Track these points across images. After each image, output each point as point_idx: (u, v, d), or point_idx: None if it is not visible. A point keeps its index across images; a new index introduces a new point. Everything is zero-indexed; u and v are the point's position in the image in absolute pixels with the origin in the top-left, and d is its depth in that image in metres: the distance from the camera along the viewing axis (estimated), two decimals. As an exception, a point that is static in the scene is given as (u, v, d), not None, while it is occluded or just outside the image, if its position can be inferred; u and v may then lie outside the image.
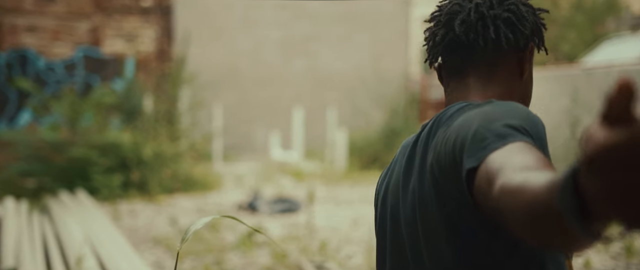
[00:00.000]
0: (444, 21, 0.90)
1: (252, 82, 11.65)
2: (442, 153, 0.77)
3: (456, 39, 0.89)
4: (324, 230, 5.19)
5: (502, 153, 0.67)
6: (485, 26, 0.88)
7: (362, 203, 6.63)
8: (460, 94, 0.90)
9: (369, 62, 11.72)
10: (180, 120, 8.00)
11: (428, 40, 0.93)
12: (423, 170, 0.82)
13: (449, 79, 0.93)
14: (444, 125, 0.82)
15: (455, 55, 0.91)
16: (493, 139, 0.70)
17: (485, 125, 0.72)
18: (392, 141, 9.62)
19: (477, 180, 0.69)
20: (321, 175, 8.43)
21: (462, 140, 0.73)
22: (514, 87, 0.91)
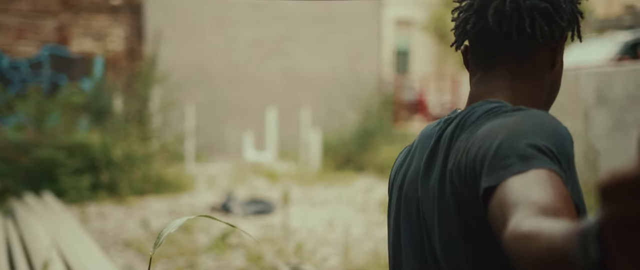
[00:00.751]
0: (477, 7, 0.85)
1: (224, 82, 11.51)
2: (462, 162, 0.74)
3: (488, 29, 0.85)
4: (299, 232, 5.12)
5: (522, 182, 0.64)
6: (521, 18, 0.83)
7: (337, 204, 6.58)
8: (487, 87, 0.86)
9: (343, 62, 11.72)
10: (152, 120, 7.84)
11: (458, 26, 0.89)
12: (444, 171, 0.79)
13: (476, 67, 0.89)
14: (468, 128, 0.78)
15: (485, 44, 0.87)
16: (515, 159, 0.66)
17: (510, 141, 0.68)
18: (366, 142, 9.62)
19: (493, 203, 0.66)
20: (295, 176, 8.36)
21: (483, 154, 0.70)
22: (544, 78, 0.87)
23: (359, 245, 4.72)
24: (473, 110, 0.81)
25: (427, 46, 20.72)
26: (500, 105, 0.80)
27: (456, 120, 0.82)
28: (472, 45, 0.89)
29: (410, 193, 0.86)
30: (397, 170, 0.93)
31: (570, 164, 0.71)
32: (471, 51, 0.89)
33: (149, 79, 8.03)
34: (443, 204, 0.78)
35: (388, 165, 8.71)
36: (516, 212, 0.60)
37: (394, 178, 0.94)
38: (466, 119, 0.81)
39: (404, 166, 0.91)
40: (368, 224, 5.52)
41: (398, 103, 11.53)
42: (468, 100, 0.88)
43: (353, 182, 8.16)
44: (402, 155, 0.95)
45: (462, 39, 0.89)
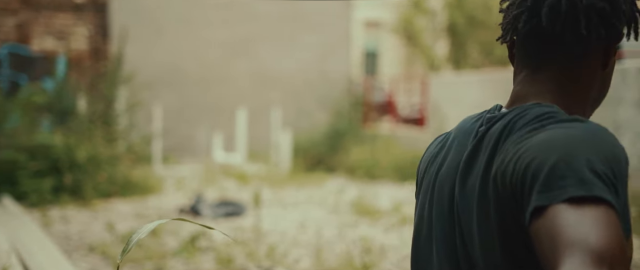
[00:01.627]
0: (531, 4, 0.81)
1: (193, 83, 11.33)
2: (510, 168, 0.70)
3: (540, 27, 0.80)
4: (271, 234, 5.05)
5: (579, 216, 0.61)
6: (576, 18, 0.78)
7: (308, 205, 6.53)
8: (534, 87, 0.82)
9: (313, 63, 11.69)
10: (118, 121, 7.64)
11: (509, 21, 0.84)
12: (487, 172, 0.76)
13: (523, 65, 0.84)
14: (518, 131, 0.75)
15: (535, 42, 0.82)
16: (572, 182, 0.64)
17: (568, 160, 0.66)
18: (336, 143, 9.60)
19: (541, 223, 0.64)
20: (266, 177, 8.28)
21: (537, 167, 0.67)
22: (595, 79, 0.83)
23: (331, 246, 4.67)
24: (524, 112, 0.77)
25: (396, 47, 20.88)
26: (553, 111, 0.76)
27: (503, 120, 0.78)
28: (520, 42, 0.84)
29: (444, 188, 0.83)
30: (429, 161, 0.89)
31: (624, 187, 0.69)
32: (519, 48, 0.85)
33: (114, 79, 7.83)
34: (483, 204, 0.75)
35: (359, 166, 8.71)
36: (571, 256, 0.58)
37: (426, 169, 0.90)
38: (515, 120, 0.77)
39: (437, 159, 0.87)
40: (340, 225, 5.49)
41: (368, 104, 11.56)
42: (512, 99, 0.84)
43: (324, 183, 8.12)
44: (435, 146, 0.91)
45: (511, 34, 0.85)
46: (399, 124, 11.49)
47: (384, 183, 8.08)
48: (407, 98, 12.80)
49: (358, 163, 8.75)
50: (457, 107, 8.35)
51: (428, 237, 0.85)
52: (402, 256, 4.47)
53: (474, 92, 8.16)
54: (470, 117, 0.87)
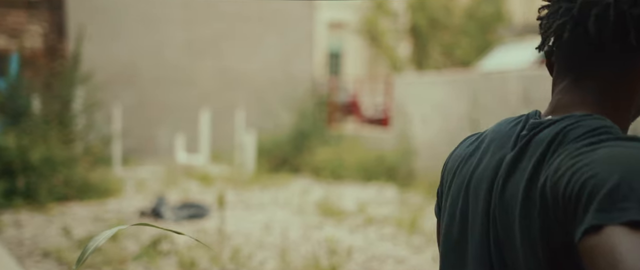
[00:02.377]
0: (576, 12, 0.78)
1: (154, 82, 11.08)
2: (564, 181, 0.69)
3: (586, 36, 0.78)
4: (235, 236, 4.96)
5: (637, 243, 0.62)
6: (625, 28, 0.76)
7: (273, 207, 6.46)
8: (577, 97, 0.80)
9: (277, 63, 11.61)
10: (75, 122, 7.38)
11: (550, 31, 0.82)
12: (533, 180, 0.74)
13: (564, 73, 0.82)
14: (571, 143, 0.73)
15: (579, 51, 0.80)
16: (634, 205, 0.63)
17: (630, 180, 0.65)
18: (301, 143, 9.54)
19: (595, 242, 0.64)
20: (230, 178, 8.15)
21: (597, 184, 0.66)
22: (637, 91, 0.81)
23: (297, 248, 4.62)
24: (576, 123, 0.75)
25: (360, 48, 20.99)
26: (608, 126, 0.75)
27: (552, 128, 0.76)
28: (563, 51, 0.82)
29: (480, 189, 0.81)
30: (462, 160, 0.87)
31: None
32: (560, 56, 0.83)
33: (71, 78, 7.56)
34: (526, 210, 0.74)
35: (324, 167, 8.68)
36: None
37: (457, 168, 0.87)
38: (568, 130, 0.75)
39: (472, 159, 0.85)
40: (305, 226, 5.43)
41: (332, 104, 11.56)
42: (552, 106, 0.82)
43: (289, 184, 8.06)
44: (467, 146, 0.89)
45: (552, 43, 0.83)
46: (364, 125, 11.53)
47: (349, 183, 8.07)
48: (371, 98, 12.85)
49: (323, 163, 8.72)
50: (421, 107, 8.42)
51: (461, 237, 0.84)
52: (368, 257, 4.46)
53: (437, 93, 8.24)
54: (507, 120, 0.85)
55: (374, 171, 8.19)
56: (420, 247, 4.76)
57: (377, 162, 8.33)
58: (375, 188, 7.70)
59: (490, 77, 7.71)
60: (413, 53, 18.64)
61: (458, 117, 7.62)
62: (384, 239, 5.01)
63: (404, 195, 7.06)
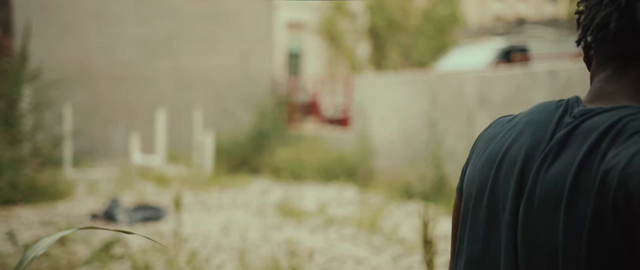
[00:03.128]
0: (624, 4, 0.79)
1: (107, 81, 10.74)
2: (634, 181, 0.69)
3: (632, 27, 0.79)
4: (192, 239, 4.83)
5: None
6: None
7: (232, 208, 6.34)
8: (620, 86, 0.81)
9: (236, 63, 11.45)
10: (22, 122, 7.05)
11: (592, 22, 0.82)
12: (585, 169, 0.73)
13: (606, 63, 0.83)
14: (632, 137, 0.72)
15: (623, 42, 0.81)
16: None
17: None
18: (260, 143, 9.44)
19: None
20: (187, 179, 7.97)
21: None
22: None
23: (256, 250, 4.53)
24: (635, 117, 0.75)
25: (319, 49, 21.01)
26: None
27: (604, 116, 0.76)
28: (608, 41, 0.83)
29: (511, 171, 0.80)
30: (492, 140, 0.86)
31: None
32: (603, 46, 0.84)
33: (18, 77, 7.21)
34: (571, 200, 0.73)
35: (283, 167, 8.60)
36: None
37: (487, 148, 0.86)
38: (627, 121, 0.74)
39: (504, 140, 0.84)
40: (265, 227, 5.35)
41: (292, 104, 11.49)
42: (594, 95, 0.83)
43: (248, 185, 7.94)
44: (500, 126, 0.88)
45: (594, 33, 0.83)
46: (323, 125, 11.50)
47: (309, 184, 8.02)
48: (331, 98, 12.85)
49: (283, 164, 8.64)
50: (380, 107, 8.45)
51: (489, 215, 0.82)
52: (328, 258, 4.41)
53: (396, 93, 8.30)
54: (545, 103, 0.85)
55: (334, 171, 8.17)
56: (381, 247, 4.75)
57: (337, 162, 8.31)
58: (335, 188, 7.68)
59: (447, 78, 7.81)
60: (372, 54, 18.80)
61: (416, 117, 7.69)
62: (344, 240, 4.98)
63: (364, 195, 7.06)
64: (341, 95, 12.01)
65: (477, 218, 0.84)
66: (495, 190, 0.82)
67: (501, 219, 0.80)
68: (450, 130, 7.01)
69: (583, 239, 0.71)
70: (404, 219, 5.64)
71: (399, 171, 7.56)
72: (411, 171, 7.21)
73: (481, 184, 0.84)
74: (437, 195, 6.44)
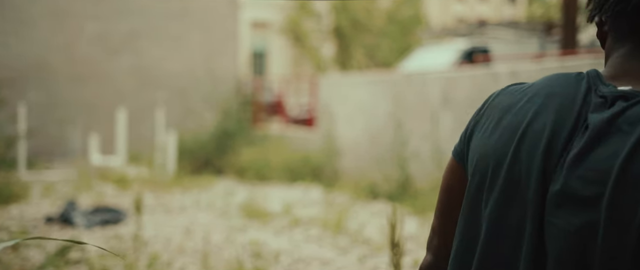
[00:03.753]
0: None
1: (65, 80, 10.40)
2: None
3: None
4: (154, 242, 4.69)
5: None
6: None
7: (195, 210, 6.21)
8: None
9: (199, 62, 11.26)
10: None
11: None
12: (631, 164, 0.70)
13: (623, 40, 0.81)
14: None
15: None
16: None
17: None
18: (225, 144, 9.30)
19: None
20: (149, 181, 7.77)
21: None
22: None
23: (220, 252, 4.44)
24: None
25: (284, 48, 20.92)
26: None
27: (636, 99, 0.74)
28: (621, 17, 0.81)
29: (535, 149, 0.76)
30: (507, 111, 0.81)
31: None
32: (618, 21, 0.81)
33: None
34: (618, 191, 0.70)
35: (248, 168, 8.49)
36: None
37: (501, 118, 0.81)
38: None
39: (523, 112, 0.80)
40: (229, 229, 5.25)
41: (257, 104, 11.38)
42: (616, 72, 0.80)
43: (212, 186, 7.81)
44: (512, 94, 0.83)
45: (615, 8, 0.81)
46: (289, 125, 11.44)
47: (274, 184, 7.95)
48: (296, 98, 12.80)
49: (247, 164, 8.54)
50: (346, 107, 8.44)
51: (507, 190, 0.78)
52: (294, 259, 4.36)
53: (361, 93, 8.31)
54: (562, 76, 0.81)
55: (300, 171, 8.11)
56: (346, 248, 4.72)
57: (303, 162, 8.26)
58: (300, 189, 7.62)
59: (411, 78, 7.86)
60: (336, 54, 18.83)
61: (381, 117, 7.71)
62: (309, 241, 4.94)
63: (329, 196, 7.03)
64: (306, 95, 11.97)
65: (492, 194, 0.79)
66: (515, 166, 0.77)
67: (523, 198, 0.76)
68: (415, 130, 7.05)
69: (631, 231, 0.68)
70: (370, 220, 5.64)
71: (364, 171, 7.56)
72: (376, 171, 7.22)
73: (499, 158, 0.79)
74: (402, 195, 6.46)
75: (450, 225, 0.85)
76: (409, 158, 6.82)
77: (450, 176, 0.87)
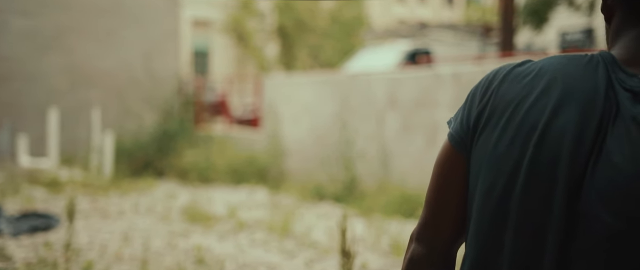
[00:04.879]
0: None
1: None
2: None
3: None
4: (88, 250, 4.42)
5: None
6: None
7: (134, 214, 5.93)
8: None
9: (138, 60, 10.84)
10: None
11: None
12: None
13: (634, 22, 0.75)
14: None
15: None
16: None
17: None
18: (166, 145, 9.00)
19: None
20: (84, 184, 7.37)
21: None
22: None
23: (160, 259, 4.23)
24: None
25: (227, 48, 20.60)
26: None
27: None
28: None
29: (560, 146, 0.70)
30: (518, 104, 0.74)
31: None
32: (629, 5, 0.76)
33: None
34: None
35: (191, 170, 8.22)
36: None
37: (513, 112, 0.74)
38: None
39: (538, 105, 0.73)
40: (170, 234, 5.03)
41: (199, 104, 11.08)
42: (633, 56, 0.74)
43: (152, 189, 7.50)
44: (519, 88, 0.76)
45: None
46: (233, 125, 11.23)
47: (218, 186, 7.74)
48: (240, 98, 12.61)
49: (190, 166, 8.28)
50: (291, 107, 8.36)
51: (526, 188, 0.72)
52: (239, 265, 4.22)
53: (306, 93, 8.25)
54: (572, 61, 0.74)
55: (244, 173, 7.95)
56: (293, 252, 4.62)
57: (248, 163, 8.10)
58: (245, 191, 7.46)
59: (357, 79, 7.87)
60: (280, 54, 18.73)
61: (327, 117, 7.67)
62: (255, 245, 4.80)
63: (275, 198, 6.91)
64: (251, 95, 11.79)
65: (507, 200, 0.73)
66: (535, 172, 0.72)
67: (549, 207, 0.70)
68: (361, 130, 7.05)
69: None
70: (316, 222, 5.56)
71: (310, 172, 7.50)
72: (323, 172, 7.17)
73: (513, 162, 0.73)
74: (348, 197, 6.43)
75: (444, 215, 0.81)
76: (355, 159, 6.80)
77: (447, 164, 0.81)
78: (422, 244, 0.83)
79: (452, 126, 0.81)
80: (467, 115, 0.79)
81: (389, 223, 5.29)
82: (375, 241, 4.71)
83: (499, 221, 0.74)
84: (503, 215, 0.74)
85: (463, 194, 0.79)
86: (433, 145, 6.27)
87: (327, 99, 7.81)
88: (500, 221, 0.74)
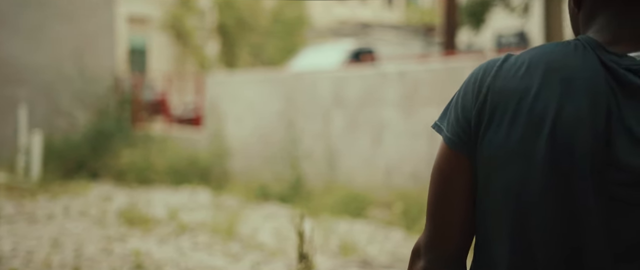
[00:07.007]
0: None
1: None
2: None
3: None
4: (11, 257, 4.08)
5: None
6: None
7: (65, 218, 5.56)
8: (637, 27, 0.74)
9: (69, 57, 10.27)
10: None
11: None
12: None
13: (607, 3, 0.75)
14: None
15: None
16: None
17: None
18: (101, 145, 8.58)
19: None
20: (9, 187, 6.89)
21: None
22: None
23: (94, 266, 3.96)
24: None
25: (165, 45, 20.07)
26: None
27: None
28: None
29: (574, 140, 0.70)
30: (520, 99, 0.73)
31: None
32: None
33: None
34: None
35: (129, 170, 7.86)
36: None
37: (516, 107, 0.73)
38: None
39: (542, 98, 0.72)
40: (106, 239, 4.74)
41: (137, 103, 10.64)
42: (615, 35, 0.74)
43: (86, 191, 7.11)
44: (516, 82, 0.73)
45: None
46: (173, 124, 10.87)
47: (157, 188, 7.43)
48: (181, 97, 12.27)
49: (127, 167, 7.91)
50: (234, 106, 8.17)
51: (547, 187, 0.72)
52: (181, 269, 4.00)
53: (250, 92, 8.11)
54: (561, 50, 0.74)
55: (186, 173, 7.67)
56: (238, 254, 4.45)
57: (189, 163, 7.83)
58: (187, 192, 7.19)
59: (302, 77, 7.80)
60: (221, 52, 18.44)
61: (272, 116, 7.54)
62: (198, 249, 4.59)
63: (218, 199, 6.70)
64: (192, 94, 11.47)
65: (529, 194, 0.72)
66: (555, 161, 0.71)
67: (575, 205, 0.70)
68: (307, 129, 6.96)
69: None
70: (262, 223, 5.41)
71: (255, 172, 7.33)
72: (268, 172, 7.03)
73: (529, 156, 0.72)
74: (294, 196, 6.32)
75: (452, 223, 0.78)
76: (300, 158, 6.70)
77: (448, 168, 0.78)
78: (431, 259, 0.80)
79: (447, 129, 0.78)
80: (463, 114, 0.77)
81: (336, 223, 5.21)
82: (324, 242, 4.61)
83: (523, 215, 0.72)
84: (527, 208, 0.72)
85: (469, 196, 0.77)
86: (379, 144, 6.25)
87: (272, 98, 7.68)
88: (525, 215, 0.72)
